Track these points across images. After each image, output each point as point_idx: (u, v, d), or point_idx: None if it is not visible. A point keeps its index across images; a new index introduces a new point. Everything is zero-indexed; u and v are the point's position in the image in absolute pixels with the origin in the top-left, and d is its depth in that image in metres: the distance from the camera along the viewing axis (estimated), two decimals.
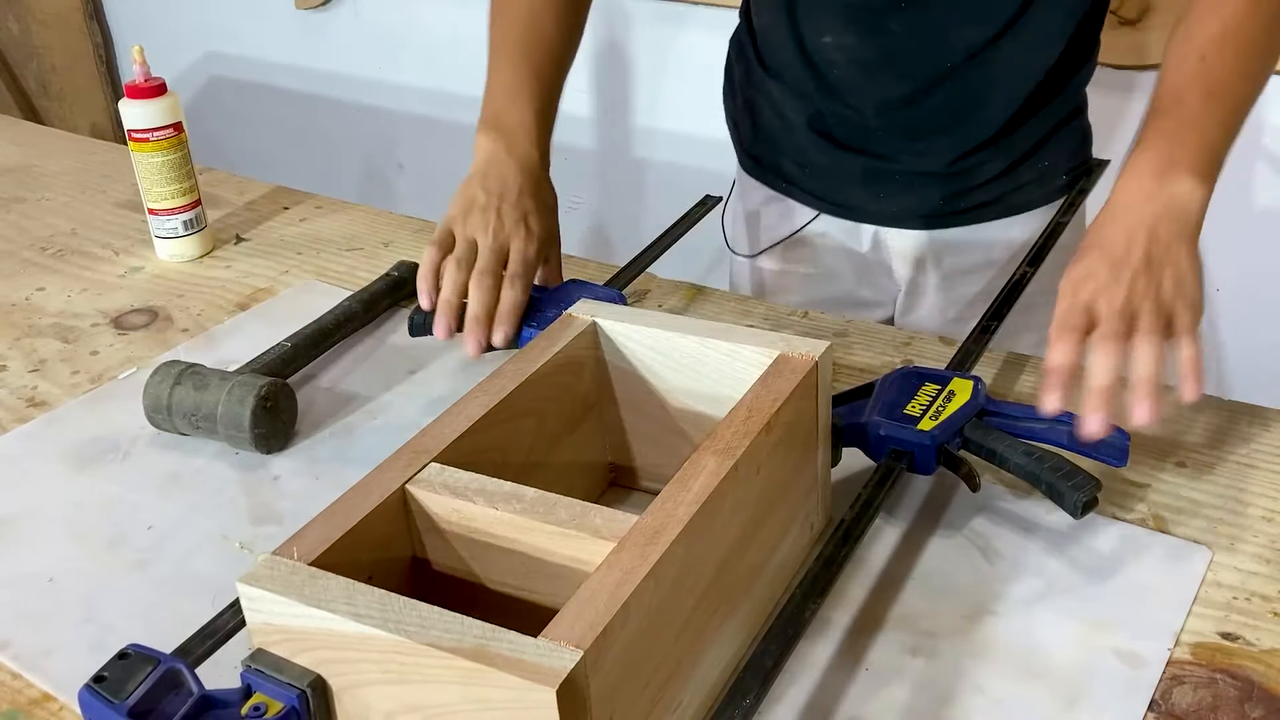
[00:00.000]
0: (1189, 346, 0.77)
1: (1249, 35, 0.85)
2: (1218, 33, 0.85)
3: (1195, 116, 0.83)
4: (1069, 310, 0.78)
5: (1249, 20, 0.86)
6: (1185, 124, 0.83)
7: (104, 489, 0.90)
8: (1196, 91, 0.84)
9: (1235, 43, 0.85)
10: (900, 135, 1.12)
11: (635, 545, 0.59)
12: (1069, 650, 0.70)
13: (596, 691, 0.54)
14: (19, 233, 1.35)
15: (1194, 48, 0.85)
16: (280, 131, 2.91)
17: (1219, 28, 0.85)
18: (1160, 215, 0.80)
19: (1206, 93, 0.84)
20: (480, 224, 0.96)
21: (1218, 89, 0.84)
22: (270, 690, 0.58)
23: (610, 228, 2.47)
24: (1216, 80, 0.84)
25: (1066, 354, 0.77)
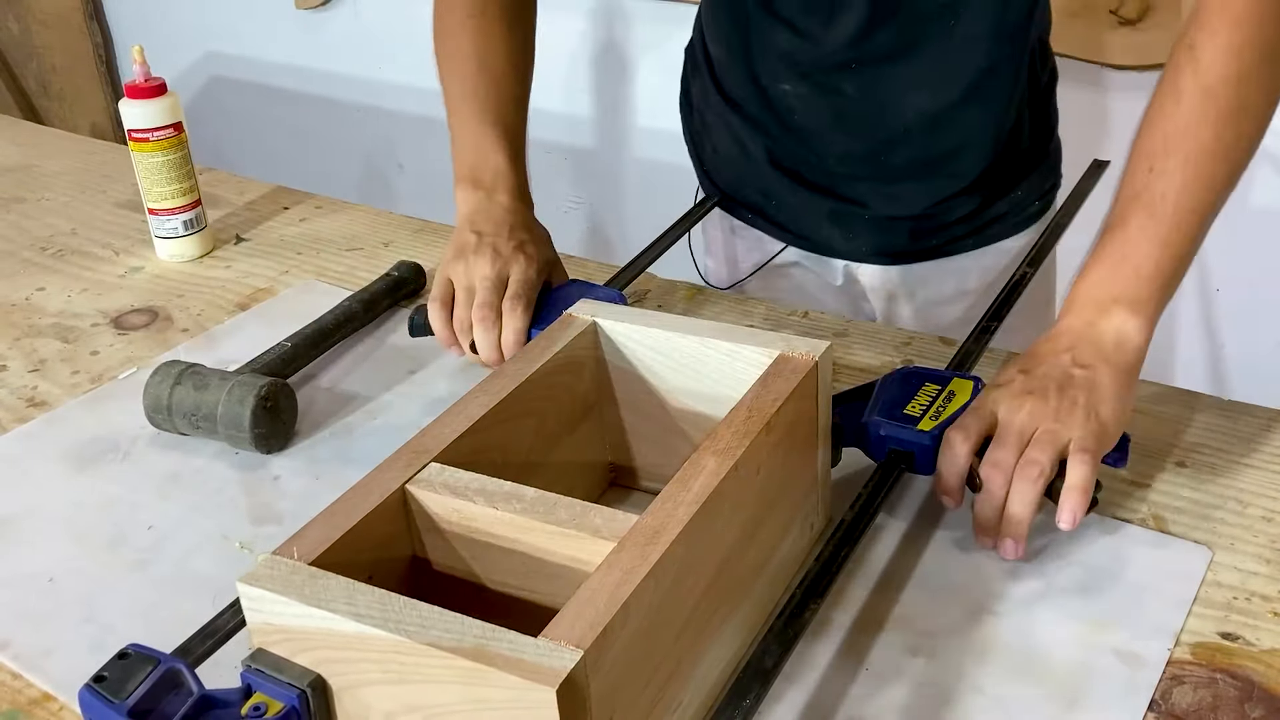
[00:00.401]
0: (1075, 471, 0.73)
1: (1198, 141, 0.79)
2: (1165, 138, 0.80)
3: (1136, 241, 0.79)
4: (965, 417, 0.77)
5: (1199, 122, 0.79)
6: (1125, 250, 0.80)
7: (104, 489, 0.90)
8: (1139, 211, 0.80)
9: (1182, 151, 0.79)
10: (868, 181, 1.11)
11: (635, 545, 0.59)
12: (1069, 650, 0.70)
13: (596, 691, 0.54)
14: (19, 233, 1.35)
15: (1144, 155, 0.81)
16: (280, 131, 2.91)
17: (1167, 130, 0.80)
18: (1094, 345, 0.78)
19: (1148, 212, 0.79)
20: (477, 264, 0.96)
21: (1160, 205, 0.79)
22: (270, 690, 0.58)
23: (610, 228, 2.47)
24: (1160, 195, 0.79)
25: (948, 456, 0.76)
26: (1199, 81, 0.79)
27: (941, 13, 1.00)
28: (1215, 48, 0.79)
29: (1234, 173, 0.81)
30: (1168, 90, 0.81)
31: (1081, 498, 0.73)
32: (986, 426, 0.76)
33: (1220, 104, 0.79)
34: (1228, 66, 0.78)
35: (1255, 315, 1.90)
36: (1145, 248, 0.79)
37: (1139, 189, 0.80)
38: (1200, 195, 0.79)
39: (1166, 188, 0.79)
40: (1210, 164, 0.79)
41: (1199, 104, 0.79)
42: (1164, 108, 0.80)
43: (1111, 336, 0.78)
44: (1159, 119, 0.81)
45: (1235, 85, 0.78)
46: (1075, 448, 0.74)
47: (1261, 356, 1.92)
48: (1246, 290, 1.89)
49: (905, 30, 1.01)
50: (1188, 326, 1.96)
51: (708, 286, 1.21)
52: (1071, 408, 0.75)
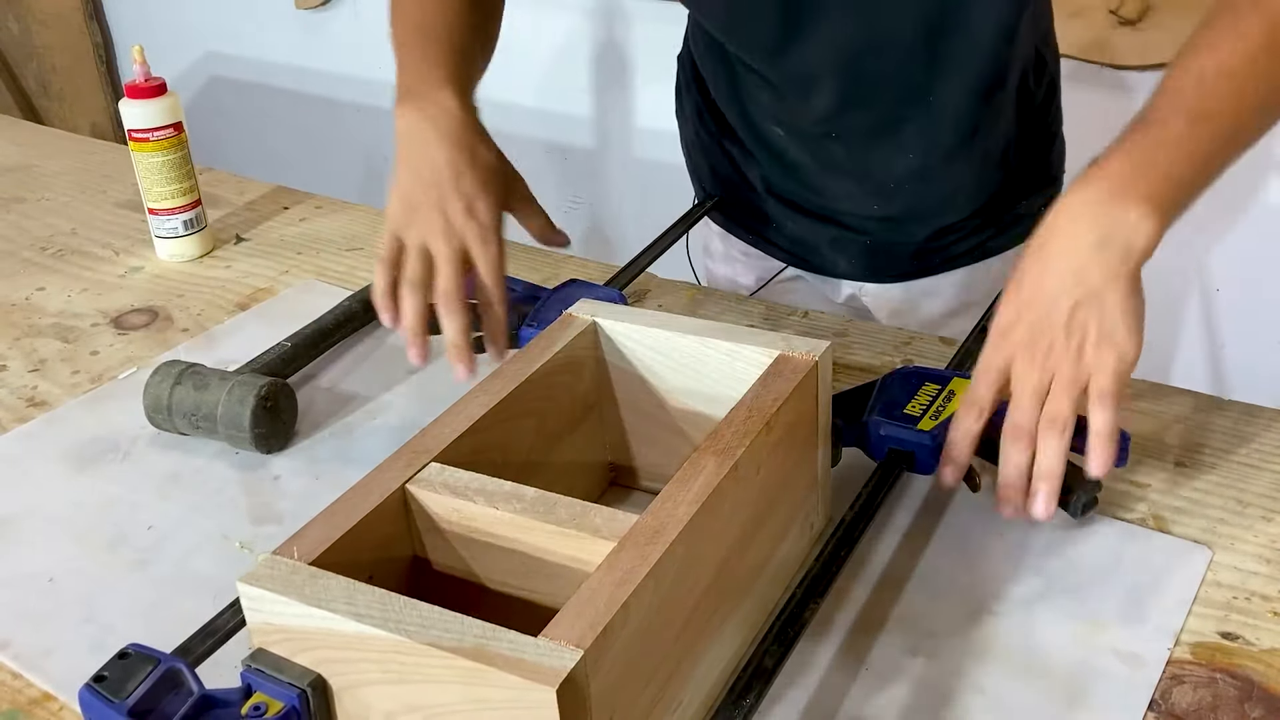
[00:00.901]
0: (1098, 418, 0.71)
1: (1259, 74, 0.75)
2: (1224, 61, 0.75)
3: (1175, 139, 0.73)
4: (977, 383, 0.74)
5: (1263, 59, 0.75)
6: (1159, 145, 0.73)
7: (104, 489, 0.90)
8: (1182, 115, 0.74)
9: (1242, 76, 0.75)
10: (868, 217, 1.11)
11: (635, 545, 0.59)
12: (1069, 650, 0.70)
13: (596, 691, 0.54)
14: (19, 233, 1.35)
15: (1194, 69, 0.76)
16: (280, 131, 2.91)
17: (1227, 56, 0.75)
18: (1095, 251, 0.71)
19: (1193, 117, 0.74)
20: (428, 229, 0.85)
21: (1208, 116, 0.74)
22: (270, 690, 0.58)
23: (610, 228, 2.47)
24: (1209, 109, 0.74)
25: (961, 432, 0.74)
26: (1267, 34, 0.75)
27: (915, 92, 0.99)
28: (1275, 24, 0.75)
29: (1260, 127, 0.77)
30: (1228, 25, 0.76)
31: (1109, 445, 0.71)
32: (1000, 388, 0.74)
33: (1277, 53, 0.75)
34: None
35: (1255, 315, 1.90)
36: (1178, 156, 0.73)
37: (1183, 100, 0.74)
38: (1237, 130, 0.75)
39: (1216, 109, 0.74)
40: (1254, 106, 0.76)
41: (1261, 50, 0.75)
42: (1224, 37, 0.76)
43: (1122, 237, 0.71)
44: (1217, 44, 0.76)
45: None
46: (1094, 393, 0.71)
47: (1261, 356, 1.92)
48: (1246, 290, 1.89)
49: (881, 110, 1.00)
50: (1188, 326, 1.96)
51: (708, 286, 1.21)
52: (1082, 346, 0.71)
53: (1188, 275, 1.92)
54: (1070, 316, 0.72)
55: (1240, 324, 1.92)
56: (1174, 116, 0.74)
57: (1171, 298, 1.94)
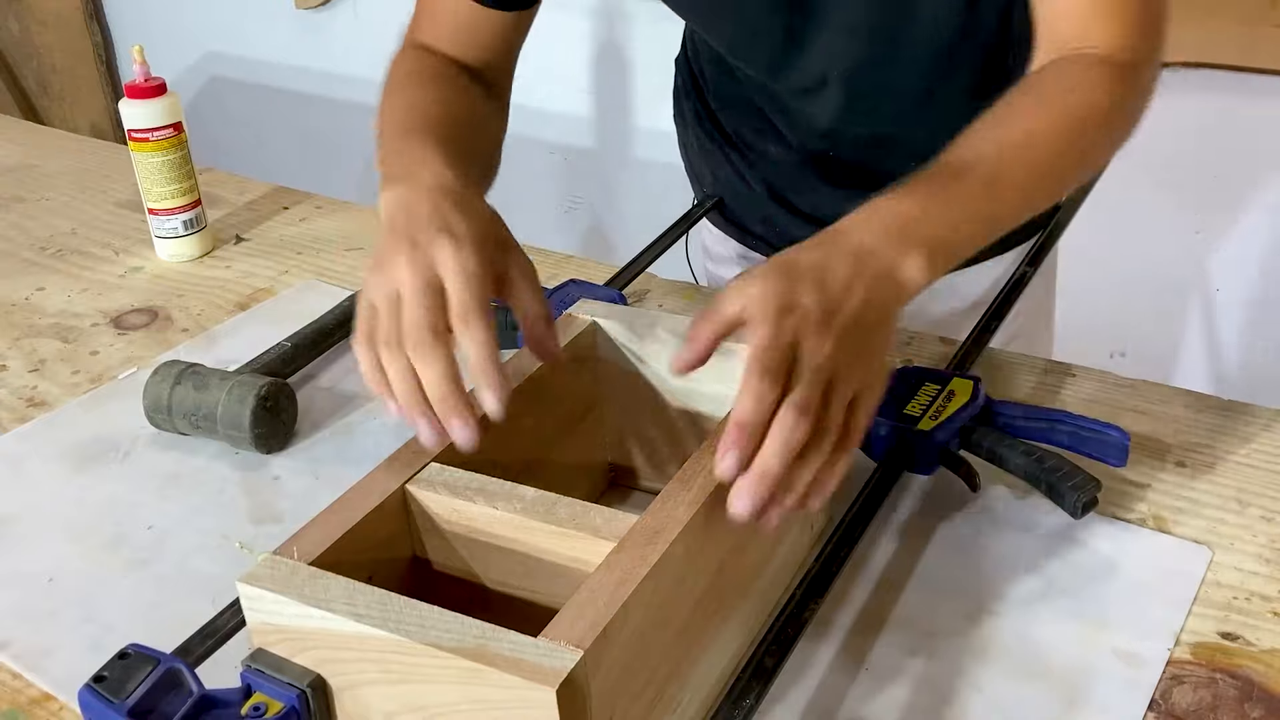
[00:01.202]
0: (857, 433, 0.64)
1: (1051, 152, 0.75)
2: (1024, 133, 0.75)
3: (967, 199, 0.71)
4: (771, 348, 0.62)
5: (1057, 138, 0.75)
6: (953, 202, 0.71)
7: (104, 489, 0.90)
8: (978, 176, 0.72)
9: (1035, 152, 0.74)
10: None
11: (635, 545, 0.59)
12: (1069, 650, 0.70)
13: (596, 691, 0.54)
14: (19, 233, 1.35)
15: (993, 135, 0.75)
16: (280, 131, 2.91)
17: (1028, 128, 0.75)
18: (884, 276, 0.67)
19: (989, 184, 0.72)
20: (396, 273, 0.68)
21: (999, 184, 0.72)
22: (270, 690, 0.58)
23: (610, 228, 2.47)
24: (1005, 177, 0.73)
25: (763, 408, 0.61)
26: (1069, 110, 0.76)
27: (917, 99, 0.98)
28: (1091, 91, 0.76)
29: (1048, 201, 0.79)
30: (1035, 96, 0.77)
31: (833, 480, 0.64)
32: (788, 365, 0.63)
33: (1079, 136, 0.76)
34: (1094, 113, 0.76)
35: (1255, 315, 1.90)
36: (968, 214, 0.71)
37: (983, 159, 0.73)
38: (1029, 201, 0.75)
39: (1011, 177, 0.73)
40: (1048, 181, 0.76)
41: (1064, 126, 0.75)
42: (1028, 107, 0.76)
43: (896, 279, 0.67)
44: (1021, 114, 0.76)
45: (1096, 128, 0.77)
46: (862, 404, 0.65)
47: (1261, 356, 1.92)
48: (1246, 290, 1.89)
49: (884, 117, 1.00)
50: (1188, 326, 1.96)
51: (707, 287, 1.21)
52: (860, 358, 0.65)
53: (1188, 275, 1.92)
54: (856, 321, 0.65)
55: (1240, 324, 1.92)
56: (977, 171, 0.72)
57: (1171, 298, 1.94)
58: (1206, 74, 1.75)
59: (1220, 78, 1.75)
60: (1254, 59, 1.71)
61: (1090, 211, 1.17)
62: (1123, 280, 1.93)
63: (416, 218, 0.70)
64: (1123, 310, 1.95)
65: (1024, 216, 0.75)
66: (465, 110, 0.87)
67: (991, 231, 0.73)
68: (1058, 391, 0.93)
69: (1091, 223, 1.30)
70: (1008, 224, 0.74)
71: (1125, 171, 1.26)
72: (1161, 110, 1.91)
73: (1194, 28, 1.71)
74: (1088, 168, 0.79)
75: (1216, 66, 1.74)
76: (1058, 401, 0.92)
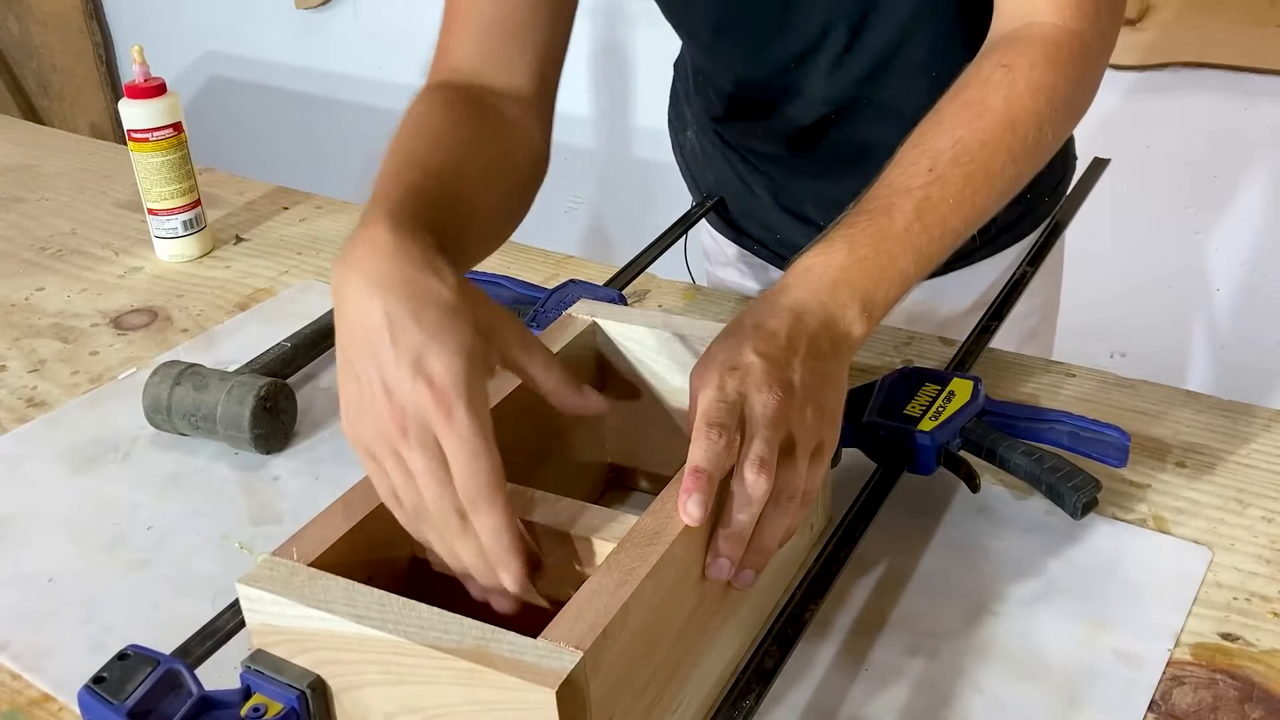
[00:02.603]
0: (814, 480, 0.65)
1: (986, 164, 0.73)
2: (957, 145, 0.73)
3: (898, 239, 0.70)
4: (718, 400, 0.62)
5: (995, 146, 0.74)
6: (885, 245, 0.70)
7: (104, 489, 0.90)
8: (909, 209, 0.71)
9: (970, 165, 0.73)
10: None
11: (635, 546, 0.59)
12: (1069, 650, 0.70)
13: (596, 692, 0.54)
14: (19, 233, 1.35)
15: (929, 151, 0.73)
16: (280, 131, 2.91)
17: (962, 138, 0.74)
18: (823, 329, 0.67)
19: (918, 214, 0.71)
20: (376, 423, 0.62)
21: (931, 213, 0.71)
22: (270, 691, 0.58)
23: (610, 228, 2.47)
24: (935, 201, 0.72)
25: (715, 452, 0.60)
26: (1009, 108, 0.75)
27: (906, 87, 0.97)
28: (1031, 81, 0.75)
29: (996, 206, 0.76)
30: (973, 98, 0.76)
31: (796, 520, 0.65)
32: (737, 419, 0.62)
33: (1019, 137, 0.74)
34: (1037, 103, 0.75)
35: (1255, 315, 1.90)
36: (901, 250, 0.71)
37: (914, 185, 0.72)
38: (968, 218, 0.73)
39: (941, 196, 0.72)
40: (986, 191, 0.74)
41: (1001, 129, 0.74)
42: (963, 114, 0.75)
43: (834, 331, 0.68)
44: (955, 123, 0.75)
45: (1037, 125, 0.75)
46: (820, 455, 0.66)
47: (1261, 356, 1.92)
48: (1246, 290, 1.89)
49: (875, 109, 0.99)
50: (1188, 326, 1.96)
51: (707, 287, 1.21)
52: (815, 408, 0.65)
53: (1188, 276, 1.92)
54: (808, 375, 0.65)
55: (1240, 324, 1.92)
56: (901, 208, 0.71)
57: (1172, 298, 1.94)
58: (1206, 74, 1.75)
59: (1220, 78, 1.75)
60: (1254, 59, 1.71)
61: (1090, 211, 1.17)
62: (1123, 280, 1.93)
63: (373, 337, 0.61)
64: (1123, 310, 1.95)
65: (967, 232, 0.74)
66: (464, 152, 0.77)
67: (931, 258, 0.72)
68: (1058, 391, 0.93)
69: (1091, 223, 1.30)
70: (948, 245, 0.73)
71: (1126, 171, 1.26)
72: (1162, 110, 1.91)
73: (1194, 28, 1.71)
74: (1030, 164, 0.77)
75: (1216, 66, 1.74)
76: (1058, 401, 0.92)
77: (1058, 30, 0.78)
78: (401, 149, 0.75)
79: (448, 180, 0.73)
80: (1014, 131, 0.75)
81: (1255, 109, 1.76)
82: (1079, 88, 0.79)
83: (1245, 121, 1.77)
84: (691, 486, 0.59)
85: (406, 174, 0.71)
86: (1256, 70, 1.72)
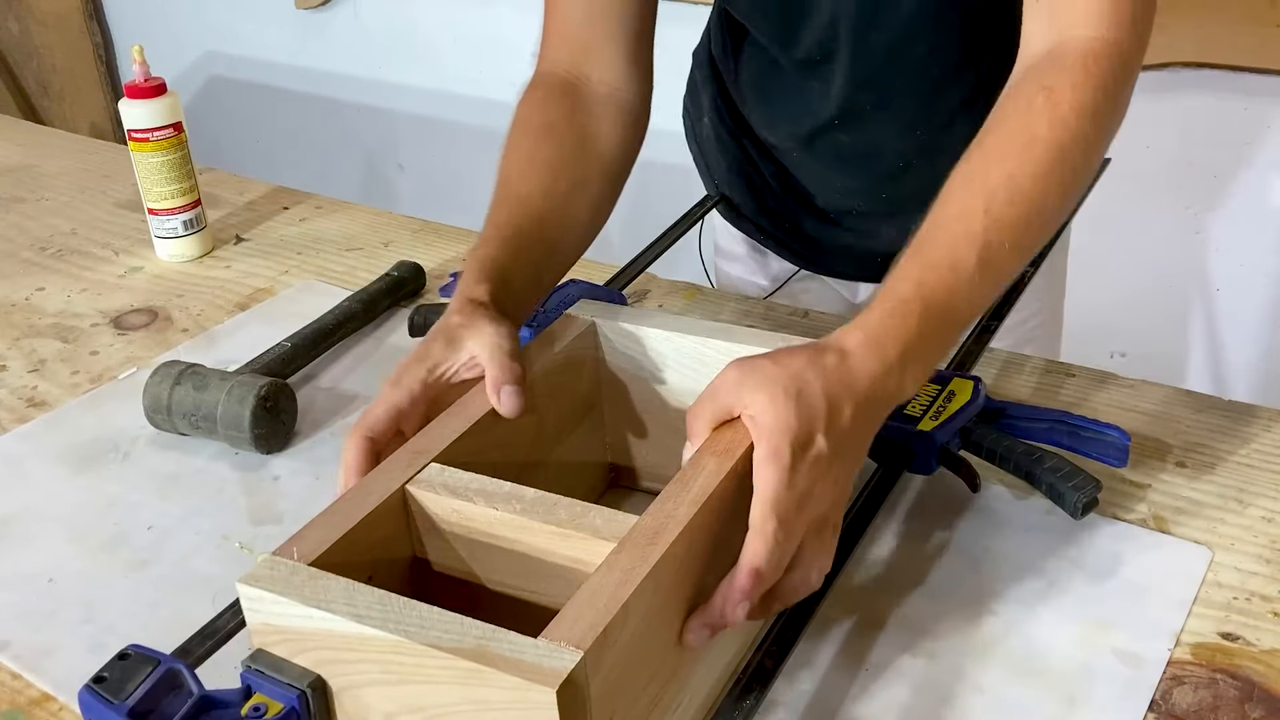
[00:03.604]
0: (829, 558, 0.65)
1: (1041, 200, 0.71)
2: (1009, 183, 0.71)
3: (964, 293, 0.69)
4: (790, 490, 0.61)
5: (1047, 177, 0.71)
6: (949, 299, 0.68)
7: (104, 489, 0.90)
8: (973, 256, 0.69)
9: (1025, 204, 0.70)
10: (881, 217, 1.10)
11: (635, 546, 0.59)
12: (1069, 650, 0.70)
13: (596, 692, 0.54)
14: (19, 233, 1.35)
15: (984, 190, 0.71)
16: (280, 131, 2.91)
17: (1013, 174, 0.71)
18: (881, 403, 0.66)
19: (981, 263, 0.69)
20: None
21: (992, 259, 0.69)
22: (270, 691, 0.58)
23: (610, 228, 2.47)
24: (996, 246, 0.69)
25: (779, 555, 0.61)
26: (1055, 135, 0.72)
27: (920, 61, 0.97)
28: (1075, 104, 0.73)
29: (1044, 238, 0.74)
30: (1018, 126, 0.73)
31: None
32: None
33: (1069, 167, 0.72)
34: (1083, 127, 0.72)
35: (1255, 315, 1.90)
36: (967, 305, 0.69)
37: (974, 229, 0.70)
38: (1021, 260, 0.73)
39: (1000, 243, 0.70)
40: (1039, 229, 0.72)
41: (1051, 161, 0.72)
42: (1010, 147, 0.73)
43: (892, 396, 0.67)
44: (1004, 156, 0.72)
45: (1084, 151, 0.73)
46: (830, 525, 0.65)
47: (1261, 356, 1.92)
48: (1246, 290, 1.89)
49: (890, 81, 0.98)
50: (1188, 326, 1.96)
51: (707, 286, 1.21)
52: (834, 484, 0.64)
53: (1188, 276, 1.92)
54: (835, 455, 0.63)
55: (1240, 324, 1.92)
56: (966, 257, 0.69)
57: (1172, 298, 1.94)
58: (1206, 74, 1.75)
59: (1220, 78, 1.75)
60: (1254, 59, 1.71)
61: (1090, 211, 1.17)
62: (1123, 281, 1.93)
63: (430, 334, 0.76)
64: (1123, 310, 1.95)
65: (1018, 271, 0.74)
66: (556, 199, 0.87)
67: (987, 304, 0.73)
68: (1058, 391, 0.93)
69: (1092, 223, 1.30)
70: (1002, 287, 0.74)
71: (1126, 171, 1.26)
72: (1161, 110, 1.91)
73: (1194, 28, 1.71)
74: (1077, 190, 0.76)
75: (1216, 66, 1.74)
76: (1058, 401, 0.92)
77: (1096, 43, 0.75)
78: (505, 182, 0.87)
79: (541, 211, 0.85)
80: (1064, 161, 0.72)
81: (1255, 109, 1.75)
82: (1118, 100, 0.76)
83: (1245, 121, 1.77)
84: (746, 591, 0.60)
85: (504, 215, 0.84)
86: (1256, 70, 1.72)
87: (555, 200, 0.87)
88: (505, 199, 0.86)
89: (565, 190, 0.88)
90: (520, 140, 0.90)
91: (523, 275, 0.81)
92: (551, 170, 0.88)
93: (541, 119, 0.91)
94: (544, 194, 0.86)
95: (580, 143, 0.91)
